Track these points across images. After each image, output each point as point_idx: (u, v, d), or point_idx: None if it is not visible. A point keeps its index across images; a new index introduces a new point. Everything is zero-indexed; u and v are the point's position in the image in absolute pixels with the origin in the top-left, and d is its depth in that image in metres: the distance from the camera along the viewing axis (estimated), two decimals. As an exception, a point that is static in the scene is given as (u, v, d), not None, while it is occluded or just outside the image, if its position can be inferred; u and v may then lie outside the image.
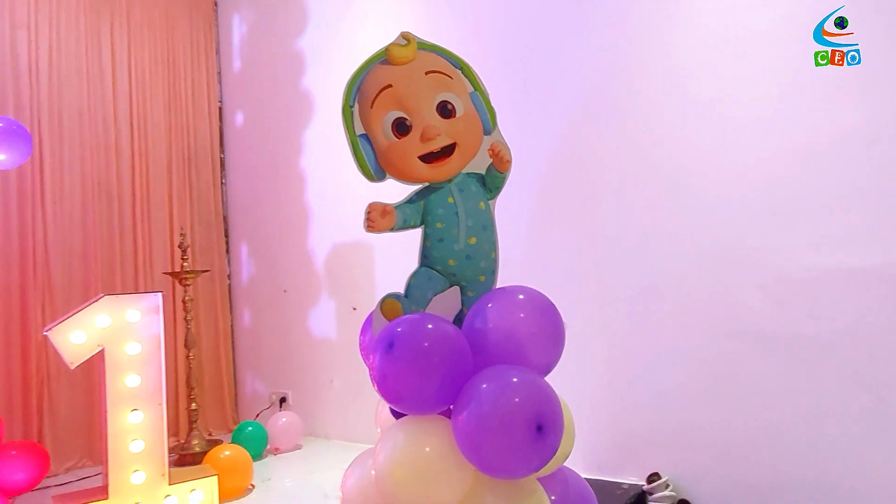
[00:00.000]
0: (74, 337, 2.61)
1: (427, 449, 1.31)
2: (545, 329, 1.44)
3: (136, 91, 4.42)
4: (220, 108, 4.92)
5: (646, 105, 2.85)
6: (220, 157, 4.86)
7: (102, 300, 2.68)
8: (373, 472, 1.41)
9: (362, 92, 1.49)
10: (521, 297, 1.46)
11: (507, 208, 2.99)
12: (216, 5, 5.00)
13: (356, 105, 1.49)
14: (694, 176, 2.73)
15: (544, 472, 1.45)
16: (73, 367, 2.67)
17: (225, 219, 4.83)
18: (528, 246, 3.15)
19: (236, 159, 4.85)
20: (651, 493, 2.76)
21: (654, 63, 2.84)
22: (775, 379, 2.53)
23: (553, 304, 1.48)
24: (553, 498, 1.47)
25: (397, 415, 1.41)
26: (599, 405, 2.98)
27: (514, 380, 1.28)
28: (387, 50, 1.50)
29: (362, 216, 1.53)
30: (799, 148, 2.48)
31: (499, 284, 1.57)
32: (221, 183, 4.85)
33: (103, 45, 4.28)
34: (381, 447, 1.37)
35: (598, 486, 2.83)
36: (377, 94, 1.48)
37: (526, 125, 3.14)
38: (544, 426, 1.22)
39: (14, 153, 2.80)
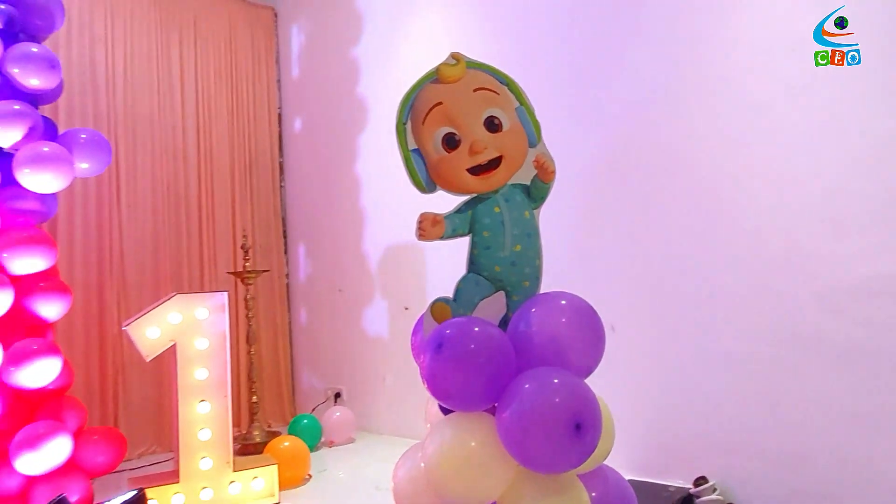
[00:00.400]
0: (150, 332, 2.84)
1: (472, 443, 1.41)
2: (586, 333, 1.51)
3: (202, 100, 4.68)
4: (280, 115, 5.15)
5: (698, 114, 2.84)
6: (280, 162, 5.09)
7: (174, 298, 2.89)
8: (422, 464, 1.51)
9: (415, 109, 1.59)
10: (563, 302, 1.53)
11: (560, 215, 3.06)
12: (276, 16, 5.23)
13: (409, 122, 1.60)
14: (747, 184, 2.71)
15: (584, 469, 1.52)
16: (148, 360, 2.90)
17: (283, 220, 5.05)
18: (579, 251, 3.19)
19: (294, 164, 5.06)
20: (698, 497, 2.76)
21: (705, 73, 2.83)
22: (828, 386, 2.50)
23: (594, 310, 1.55)
24: (593, 495, 1.54)
25: (445, 411, 1.51)
26: (649, 408, 3.01)
27: (555, 381, 1.36)
28: (437, 69, 1.61)
29: (414, 225, 1.64)
30: (854, 155, 2.45)
31: (547, 289, 1.64)
32: (280, 186, 5.08)
33: (172, 57, 4.56)
34: (429, 441, 1.47)
35: (646, 487, 2.88)
36: (428, 111, 1.58)
37: (576, 134, 3.19)
38: (583, 425, 1.30)
39: (96, 162, 3.04)
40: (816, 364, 2.53)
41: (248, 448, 3.79)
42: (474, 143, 1.58)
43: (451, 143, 1.58)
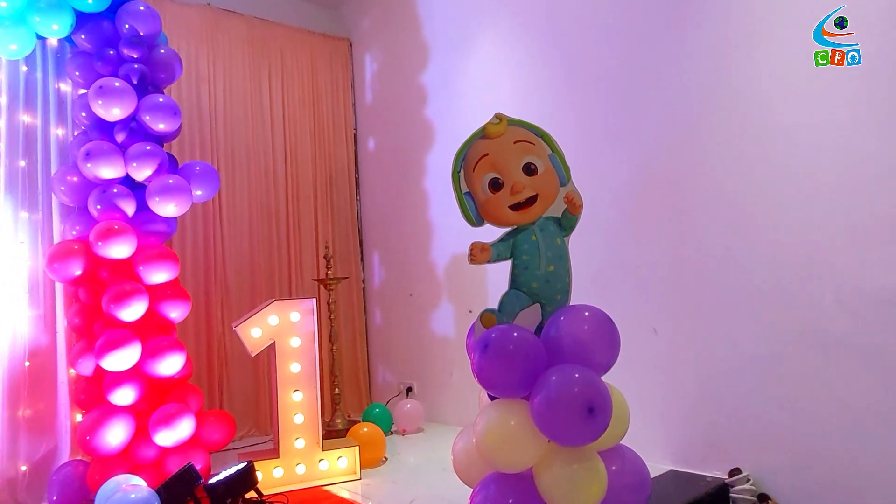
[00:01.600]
0: (254, 332, 3.40)
1: (512, 422, 1.82)
2: (604, 337, 1.89)
3: (288, 125, 5.28)
4: (355, 136, 5.70)
5: (729, 132, 3.11)
6: (356, 178, 5.64)
7: (273, 304, 3.45)
8: (473, 439, 1.93)
9: (466, 160, 2.02)
10: (586, 313, 1.92)
11: (604, 227, 3.44)
12: (351, 47, 5.78)
13: (462, 170, 2.02)
14: (772, 200, 2.96)
15: (604, 447, 1.90)
16: (252, 356, 3.47)
17: (360, 231, 5.60)
18: (623, 261, 3.52)
19: (369, 180, 5.60)
20: (732, 486, 3.04)
21: (735, 93, 3.09)
22: (849, 387, 2.73)
23: (610, 318, 1.92)
24: (613, 468, 1.92)
25: (491, 397, 1.93)
26: (687, 405, 3.30)
27: (575, 375, 1.76)
28: (484, 128, 2.02)
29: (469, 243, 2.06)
30: (874, 172, 2.67)
31: (594, 294, 2.01)
32: (356, 200, 5.62)
33: (263, 89, 5.18)
34: (479, 421, 1.90)
35: (685, 477, 3.19)
36: (478, 161, 2.00)
37: (618, 153, 3.53)
38: (595, 409, 1.68)
39: (208, 189, 3.64)
40: (838, 366, 2.76)
41: (331, 433, 4.32)
42: (514, 184, 1.99)
43: (495, 185, 2.00)
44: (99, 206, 3.29)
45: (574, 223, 2.07)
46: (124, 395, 3.18)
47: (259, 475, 3.14)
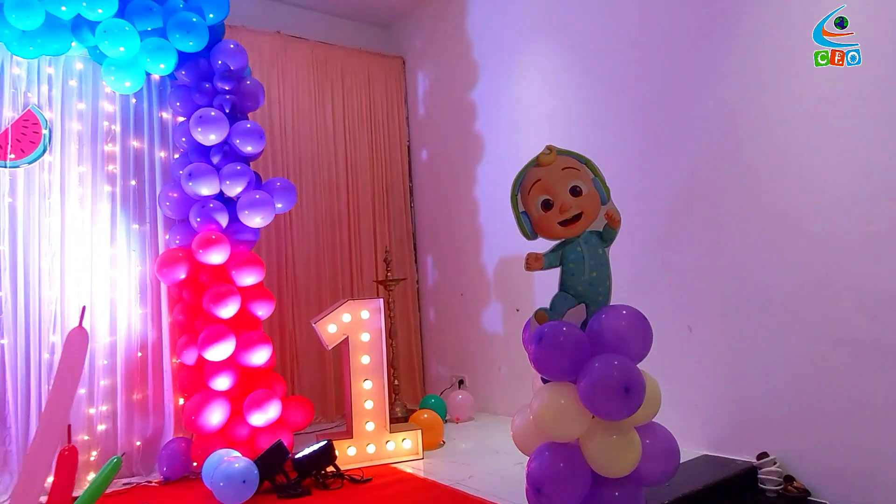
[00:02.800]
0: (330, 328, 3.88)
1: (562, 401, 2.22)
2: (638, 332, 2.27)
3: (349, 138, 5.77)
4: (409, 147, 6.16)
5: (758, 149, 3.42)
6: (410, 187, 6.10)
7: (346, 304, 3.92)
8: (530, 416, 2.34)
9: (522, 186, 2.43)
10: (624, 311, 2.31)
11: (647, 233, 3.76)
12: (404, 64, 6.24)
13: (519, 193, 2.43)
14: (799, 208, 3.25)
15: (640, 422, 2.28)
16: (329, 349, 3.95)
17: (414, 236, 6.06)
18: (663, 264, 3.87)
19: (422, 188, 6.05)
20: (760, 468, 3.36)
21: (763, 113, 3.40)
22: (868, 379, 3.01)
23: (644, 316, 2.30)
24: (647, 441, 2.30)
25: (544, 381, 2.33)
26: (719, 396, 3.64)
27: (615, 362, 2.15)
28: (537, 158, 2.43)
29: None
30: (889, 190, 2.95)
31: (636, 292, 2.35)
32: (411, 207, 6.08)
33: (326, 107, 5.68)
34: (535, 400, 2.30)
35: (718, 460, 3.53)
36: (532, 186, 2.41)
37: (660, 163, 3.87)
38: (630, 389, 2.07)
39: (287, 202, 4.15)
40: (857, 362, 3.06)
41: (391, 420, 4.76)
42: (563, 204, 2.39)
43: (546, 205, 2.40)
44: (198, 219, 3.82)
45: (613, 236, 2.46)
46: (222, 382, 3.70)
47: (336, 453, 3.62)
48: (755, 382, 3.46)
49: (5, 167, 3.62)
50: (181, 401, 3.96)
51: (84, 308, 2.35)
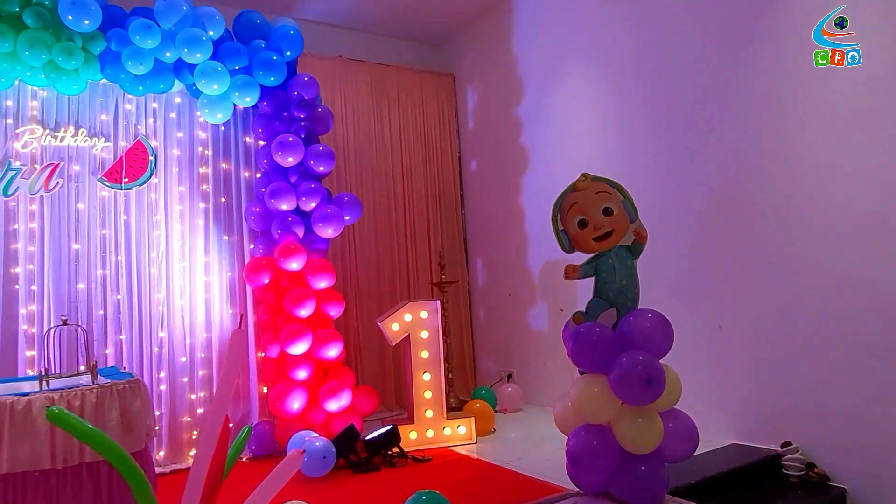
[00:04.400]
0: (394, 326, 4.39)
1: (596, 389, 2.66)
2: (661, 332, 2.68)
3: (404, 151, 6.28)
4: (460, 158, 6.63)
5: (784, 164, 3.72)
6: (460, 195, 6.57)
7: (408, 305, 4.43)
8: (569, 402, 2.79)
9: (562, 207, 2.87)
10: (649, 314, 2.72)
11: (681, 241, 4.11)
12: (454, 81, 6.71)
13: (559, 214, 2.87)
14: (823, 218, 3.55)
15: (662, 408, 2.69)
16: (392, 344, 4.46)
17: (465, 241, 6.53)
18: (697, 268, 4.22)
19: (472, 196, 6.52)
20: (783, 456, 3.69)
21: (791, 131, 3.69)
22: (881, 374, 3.31)
23: (667, 319, 2.71)
24: (670, 425, 2.71)
25: (581, 373, 2.77)
26: (746, 389, 3.97)
27: (640, 358, 2.57)
28: (574, 184, 2.86)
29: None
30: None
31: (670, 294, 2.73)
32: (461, 214, 6.56)
33: (383, 122, 6.20)
34: (573, 389, 2.75)
35: (745, 448, 3.88)
36: (570, 208, 2.84)
37: (694, 175, 4.22)
38: (652, 380, 2.49)
39: (354, 214, 4.68)
40: (871, 359, 3.36)
41: (447, 409, 5.26)
42: (596, 223, 2.82)
43: (582, 224, 2.84)
44: (279, 231, 4.40)
45: (640, 250, 2.87)
46: (301, 373, 4.27)
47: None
48: (780, 377, 3.79)
49: (121, 189, 4.27)
50: (265, 389, 4.55)
51: (243, 315, 2.76)
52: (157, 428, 3.97)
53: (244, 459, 4.31)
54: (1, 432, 1.92)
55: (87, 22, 3.80)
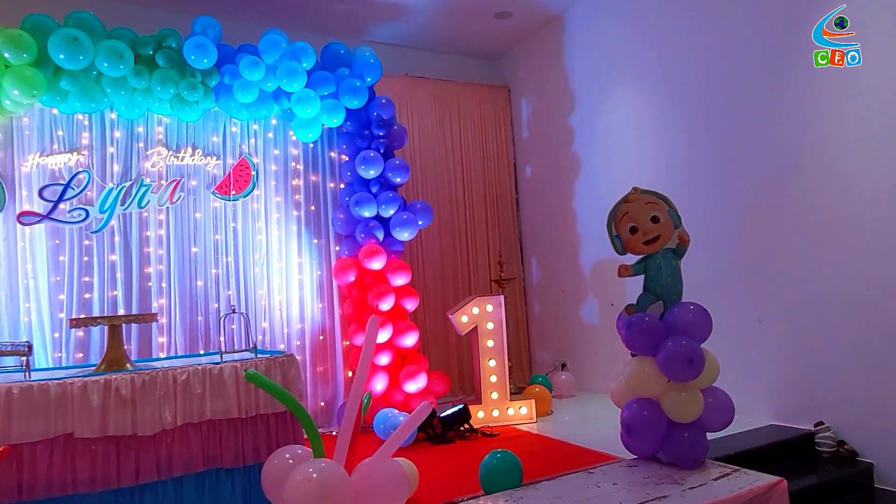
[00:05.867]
0: (463, 318, 4.99)
1: (646, 369, 3.19)
2: (701, 321, 3.18)
3: (464, 159, 6.86)
4: (515, 165, 7.18)
5: (816, 173, 4.14)
6: (516, 199, 7.12)
7: (475, 299, 5.02)
8: (623, 380, 3.33)
9: (615, 216, 3.40)
10: (691, 307, 3.23)
11: (724, 241, 4.58)
12: (510, 93, 7.25)
13: (613, 222, 3.41)
14: (853, 220, 3.96)
15: (703, 385, 3.20)
16: (462, 334, 5.06)
17: (520, 241, 7.08)
18: (738, 266, 4.67)
19: (527, 200, 7.06)
20: (816, 434, 4.12)
21: (821, 142, 4.11)
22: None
23: (706, 310, 3.21)
24: (709, 400, 3.22)
25: (633, 355, 3.30)
26: (784, 375, 4.41)
27: (683, 342, 3.08)
28: (626, 197, 3.39)
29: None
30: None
31: (712, 290, 3.27)
32: (517, 217, 7.11)
33: (445, 132, 6.79)
34: (626, 369, 3.28)
35: (780, 428, 4.33)
36: (622, 216, 3.37)
37: (730, 180, 4.67)
38: (693, 361, 3.01)
39: (426, 219, 5.30)
40: (897, 349, 3.78)
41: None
42: (645, 229, 3.34)
43: (633, 230, 3.36)
44: (362, 235, 5.05)
45: (684, 252, 3.37)
46: (383, 359, 4.90)
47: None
48: (814, 364, 4.22)
49: (230, 200, 5.00)
50: (349, 373, 5.21)
51: (373, 318, 3.16)
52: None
53: (333, 433, 4.97)
54: (203, 392, 2.59)
55: (205, 60, 4.51)
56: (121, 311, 4.54)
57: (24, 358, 2.62)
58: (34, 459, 2.27)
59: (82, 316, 4.34)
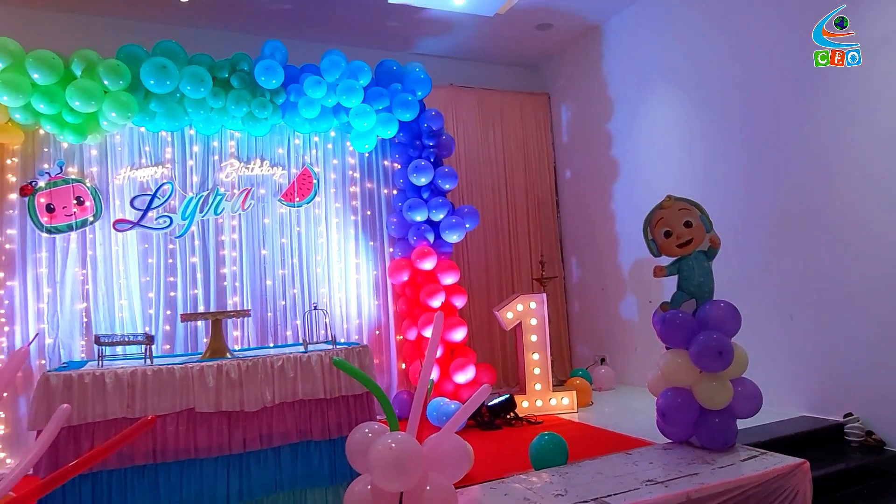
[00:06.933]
0: (508, 315, 5.36)
1: (679, 360, 3.52)
2: (731, 317, 3.49)
3: (507, 163, 7.22)
4: (555, 168, 7.50)
5: (844, 178, 4.39)
6: (556, 201, 7.45)
7: (519, 297, 5.39)
8: (658, 371, 3.66)
9: (651, 221, 3.73)
10: (721, 304, 3.54)
11: (753, 243, 4.86)
12: (549, 99, 7.58)
13: (649, 227, 3.73)
14: (877, 227, 4.21)
15: (732, 375, 3.51)
16: (507, 329, 5.44)
17: (560, 241, 7.41)
18: (769, 266, 4.93)
19: (567, 202, 7.38)
20: (845, 425, 4.36)
21: (849, 152, 4.35)
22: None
23: (735, 308, 3.52)
24: (738, 389, 3.53)
25: (667, 348, 3.63)
26: (815, 368, 4.66)
27: (713, 336, 3.40)
28: (661, 203, 3.71)
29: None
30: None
31: (740, 292, 3.59)
32: (557, 218, 7.43)
33: (489, 139, 7.16)
34: (661, 360, 3.61)
35: (811, 419, 4.57)
36: (657, 221, 3.70)
37: (762, 186, 4.93)
38: (722, 353, 3.32)
39: (473, 222, 5.69)
40: (921, 343, 4.01)
41: (550, 386, 6.18)
42: (679, 233, 3.66)
43: (667, 234, 3.68)
44: (415, 238, 5.47)
45: (715, 254, 3.68)
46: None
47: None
48: (843, 359, 4.46)
49: (294, 206, 5.48)
50: (402, 365, 5.65)
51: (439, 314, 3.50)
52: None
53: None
54: (295, 376, 3.04)
55: (274, 81, 4.99)
56: (200, 308, 5.07)
57: (145, 347, 3.12)
58: (164, 429, 2.76)
59: (190, 312, 4.91)
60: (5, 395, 3.94)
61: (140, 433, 2.44)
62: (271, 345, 5.12)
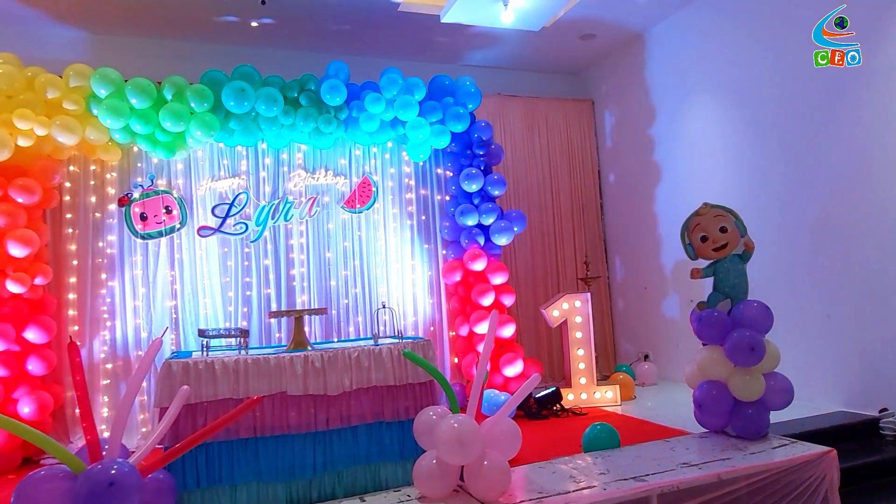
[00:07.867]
0: (554, 313, 5.72)
1: (715, 356, 3.82)
2: (763, 316, 3.77)
3: (552, 166, 7.54)
4: (599, 172, 7.79)
5: (880, 184, 4.58)
6: (600, 204, 7.74)
7: (565, 296, 5.73)
8: (696, 366, 3.97)
9: (688, 227, 4.03)
10: (755, 304, 3.82)
11: (791, 245, 5.14)
12: (593, 105, 7.87)
13: (686, 232, 4.04)
14: None
15: (764, 370, 3.79)
16: (553, 327, 5.79)
17: (604, 242, 7.70)
18: (809, 268, 5.13)
19: (611, 204, 7.67)
20: (881, 419, 4.56)
21: (886, 155, 4.54)
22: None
23: (768, 307, 3.79)
24: (771, 383, 3.81)
25: (704, 345, 3.93)
26: (851, 365, 4.86)
27: (746, 333, 3.69)
28: (697, 211, 4.01)
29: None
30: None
31: (778, 292, 3.91)
32: (602, 220, 7.72)
33: (535, 145, 7.50)
34: (698, 355, 3.92)
35: (847, 413, 4.78)
36: (694, 227, 4.00)
37: (801, 190, 5.14)
38: (754, 349, 3.61)
39: (520, 226, 6.05)
40: (954, 340, 4.18)
41: (594, 381, 6.50)
42: (714, 238, 3.96)
43: (704, 239, 3.98)
44: (466, 241, 5.88)
45: (749, 257, 3.96)
46: (485, 347, 5.71)
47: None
48: (878, 356, 4.66)
49: (355, 213, 5.97)
50: (455, 359, 6.06)
51: (495, 312, 3.79)
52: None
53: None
54: (369, 365, 3.51)
55: (338, 99, 5.47)
56: (273, 306, 5.60)
57: (241, 339, 3.64)
58: (262, 409, 3.25)
59: (275, 309, 5.50)
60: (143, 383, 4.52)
61: (248, 410, 2.93)
62: (335, 340, 5.61)
